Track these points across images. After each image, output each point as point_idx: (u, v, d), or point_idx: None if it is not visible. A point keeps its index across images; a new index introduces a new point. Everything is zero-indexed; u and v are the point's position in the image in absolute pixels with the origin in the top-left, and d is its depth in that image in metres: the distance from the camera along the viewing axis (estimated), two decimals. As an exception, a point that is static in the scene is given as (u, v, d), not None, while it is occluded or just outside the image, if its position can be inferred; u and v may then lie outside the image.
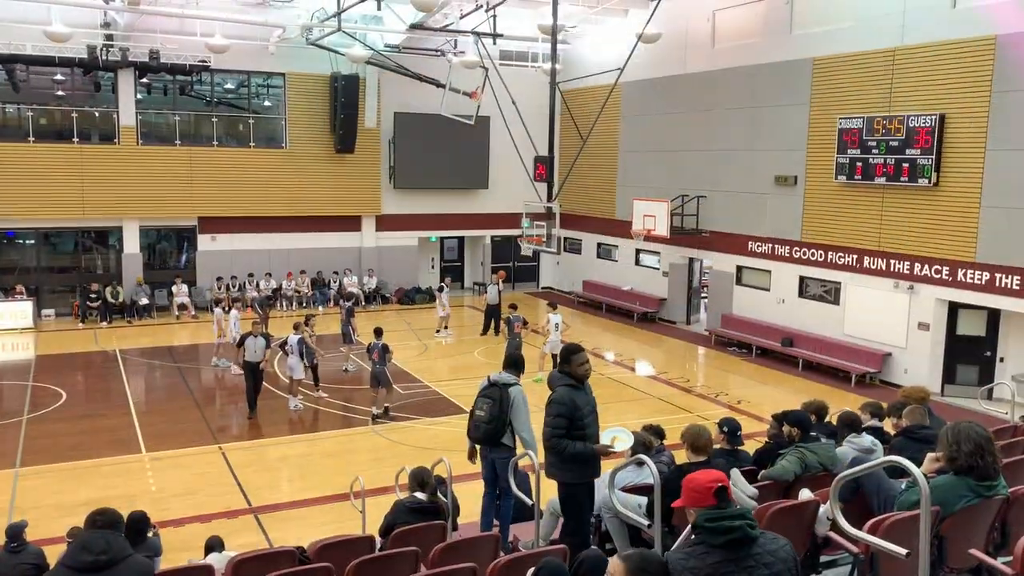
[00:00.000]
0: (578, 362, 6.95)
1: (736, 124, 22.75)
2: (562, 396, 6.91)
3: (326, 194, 27.64)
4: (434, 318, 25.37)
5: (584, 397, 6.99)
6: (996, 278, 16.71)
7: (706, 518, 3.56)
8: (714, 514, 3.55)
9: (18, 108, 24.76)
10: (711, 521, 3.53)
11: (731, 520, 3.52)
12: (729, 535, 3.50)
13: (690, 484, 3.70)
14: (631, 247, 26.97)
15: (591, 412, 7.04)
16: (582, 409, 6.90)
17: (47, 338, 23.09)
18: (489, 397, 7.89)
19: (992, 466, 4.84)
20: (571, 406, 6.85)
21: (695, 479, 3.71)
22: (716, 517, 3.54)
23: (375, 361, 15.89)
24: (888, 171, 18.34)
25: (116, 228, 26.13)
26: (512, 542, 7.77)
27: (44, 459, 13.80)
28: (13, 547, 7.55)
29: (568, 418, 6.83)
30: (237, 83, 27.80)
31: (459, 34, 24.80)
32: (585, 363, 6.98)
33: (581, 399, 6.93)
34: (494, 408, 7.82)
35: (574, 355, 6.98)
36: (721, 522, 3.52)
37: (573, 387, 6.94)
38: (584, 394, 7.01)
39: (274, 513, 11.88)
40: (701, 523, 3.57)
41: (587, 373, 7.01)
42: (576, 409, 6.86)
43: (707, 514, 3.57)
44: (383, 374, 15.83)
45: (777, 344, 21.09)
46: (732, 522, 3.52)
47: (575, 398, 6.89)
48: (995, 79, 16.47)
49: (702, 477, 3.70)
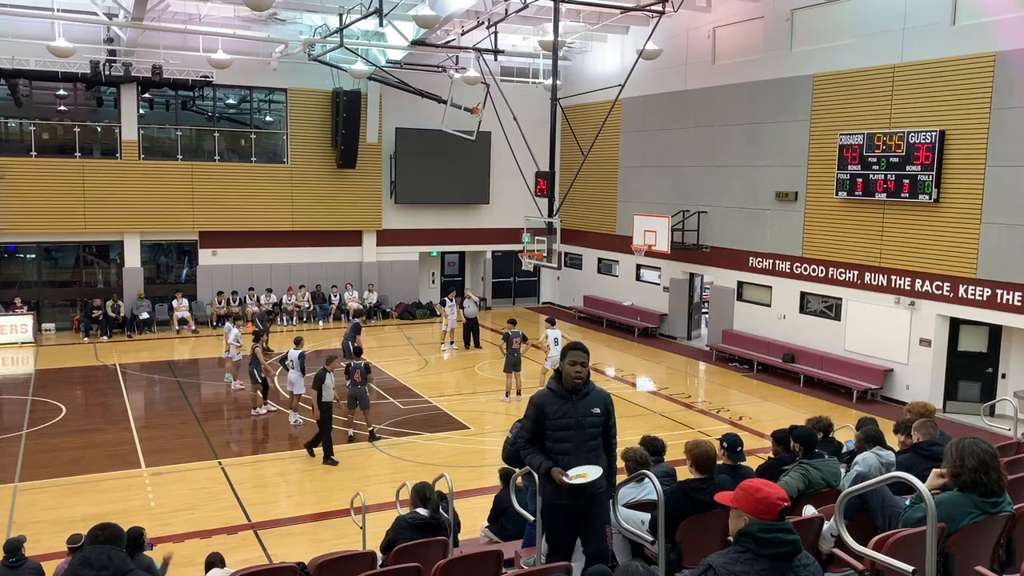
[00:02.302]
0: (568, 360, 5.93)
1: (737, 140, 22.82)
2: (534, 399, 6.07)
3: (327, 209, 27.70)
4: (435, 333, 25.41)
5: (562, 407, 5.92)
6: (997, 294, 16.70)
7: (761, 528, 3.59)
8: (770, 526, 3.59)
9: (21, 123, 24.84)
10: (766, 532, 3.58)
11: (785, 534, 3.58)
12: (780, 548, 3.56)
13: (756, 494, 3.68)
14: (632, 262, 26.99)
15: (573, 430, 5.91)
16: (552, 419, 5.91)
17: (47, 352, 23.07)
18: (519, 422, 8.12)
19: (997, 482, 4.81)
20: (535, 411, 5.96)
21: (763, 491, 3.68)
22: (772, 529, 3.58)
23: (356, 382, 15.52)
24: (889, 187, 18.37)
25: (117, 242, 26.16)
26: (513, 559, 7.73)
27: (43, 474, 13.75)
28: (12, 562, 7.52)
29: (533, 423, 5.99)
30: (239, 98, 27.91)
31: (460, 50, 24.90)
32: (576, 365, 5.89)
33: (554, 407, 5.92)
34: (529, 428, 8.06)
35: (569, 351, 5.98)
36: (776, 534, 3.57)
37: (554, 392, 5.98)
38: (566, 404, 5.92)
39: (274, 529, 11.82)
40: (754, 532, 3.60)
41: (574, 377, 5.89)
42: (543, 417, 5.93)
43: (763, 525, 3.60)
44: (363, 394, 15.66)
45: (778, 360, 21.06)
46: (786, 536, 3.58)
47: (545, 404, 5.94)
48: (995, 95, 16.52)
49: (771, 492, 3.68)
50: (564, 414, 5.88)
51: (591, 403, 5.97)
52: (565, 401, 5.91)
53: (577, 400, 5.91)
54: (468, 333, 24.22)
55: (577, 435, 5.88)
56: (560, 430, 5.89)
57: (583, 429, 5.91)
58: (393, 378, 20.35)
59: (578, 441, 5.88)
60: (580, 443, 5.89)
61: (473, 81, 25.02)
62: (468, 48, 24.26)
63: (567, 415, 5.88)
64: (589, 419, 5.93)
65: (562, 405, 5.90)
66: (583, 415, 5.90)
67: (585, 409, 5.93)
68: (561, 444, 5.89)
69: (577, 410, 5.90)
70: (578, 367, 5.88)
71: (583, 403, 5.93)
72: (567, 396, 5.91)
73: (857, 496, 5.45)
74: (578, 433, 5.89)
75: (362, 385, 15.56)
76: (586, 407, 5.93)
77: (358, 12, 20.40)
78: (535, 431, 5.97)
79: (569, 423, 5.88)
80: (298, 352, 16.57)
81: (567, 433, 5.89)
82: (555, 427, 5.90)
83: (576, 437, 5.88)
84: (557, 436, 5.91)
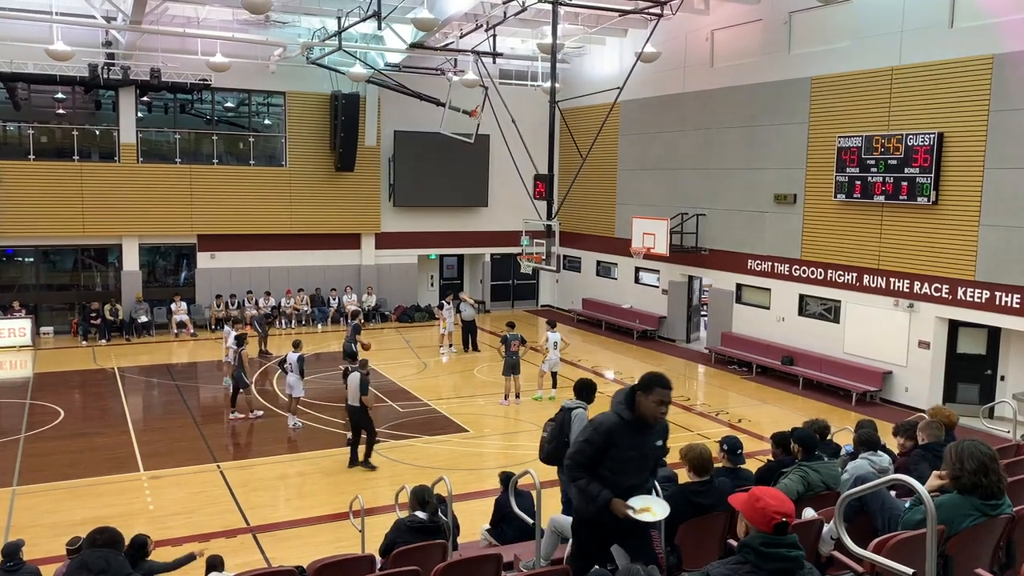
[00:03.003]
0: (655, 398, 5.26)
1: (735, 142, 22.83)
2: (603, 425, 5.40)
3: (326, 212, 27.69)
4: (434, 336, 25.40)
5: (635, 441, 5.39)
6: (996, 296, 16.70)
7: (762, 542, 3.50)
8: (772, 540, 3.49)
9: (19, 126, 24.83)
10: (767, 547, 3.48)
11: (788, 550, 3.48)
12: (782, 564, 3.47)
13: (756, 503, 3.59)
14: (630, 265, 26.99)
15: (637, 462, 5.47)
16: (623, 451, 5.38)
17: (45, 356, 23.04)
18: (554, 420, 8.30)
19: (996, 485, 4.81)
20: (604, 440, 5.37)
21: (763, 500, 3.59)
22: (773, 544, 3.48)
23: None
24: (887, 189, 18.38)
25: (115, 245, 26.14)
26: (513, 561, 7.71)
27: (41, 478, 13.71)
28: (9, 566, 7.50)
29: (596, 451, 5.41)
30: (237, 101, 27.90)
31: (459, 53, 24.92)
32: (662, 404, 5.28)
33: (626, 439, 5.35)
34: (555, 430, 8.20)
35: (656, 388, 5.27)
36: (778, 549, 3.48)
37: (624, 421, 5.34)
38: (638, 437, 5.40)
39: (273, 532, 11.79)
40: (756, 545, 3.51)
41: (657, 416, 5.32)
42: (612, 447, 5.37)
43: (764, 539, 3.50)
44: None
45: (777, 362, 21.05)
46: (788, 551, 3.48)
47: (618, 437, 5.34)
48: (993, 98, 16.54)
49: (770, 503, 3.56)
50: (632, 446, 5.39)
51: (657, 435, 5.53)
52: (634, 433, 5.38)
53: (646, 433, 5.46)
54: (466, 336, 24.24)
55: (637, 468, 5.49)
56: (624, 462, 5.42)
57: (646, 461, 5.55)
58: (392, 381, 20.33)
59: (638, 472, 5.51)
60: (639, 474, 5.52)
61: (472, 84, 25.03)
62: (467, 51, 24.30)
63: (635, 448, 5.41)
64: (653, 451, 5.57)
65: (632, 437, 5.38)
66: (650, 448, 5.52)
67: (651, 442, 5.51)
68: (620, 476, 5.42)
69: (646, 443, 5.47)
70: (663, 408, 5.31)
71: (649, 436, 5.49)
72: (639, 428, 5.38)
73: (857, 498, 5.45)
74: (639, 465, 5.50)
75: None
76: (653, 439, 5.51)
77: (356, 15, 20.41)
78: (595, 458, 5.41)
79: (634, 456, 5.43)
80: (297, 355, 16.55)
81: (629, 466, 5.44)
82: (620, 458, 5.41)
83: (636, 469, 5.49)
84: (617, 468, 5.42)
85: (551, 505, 7.13)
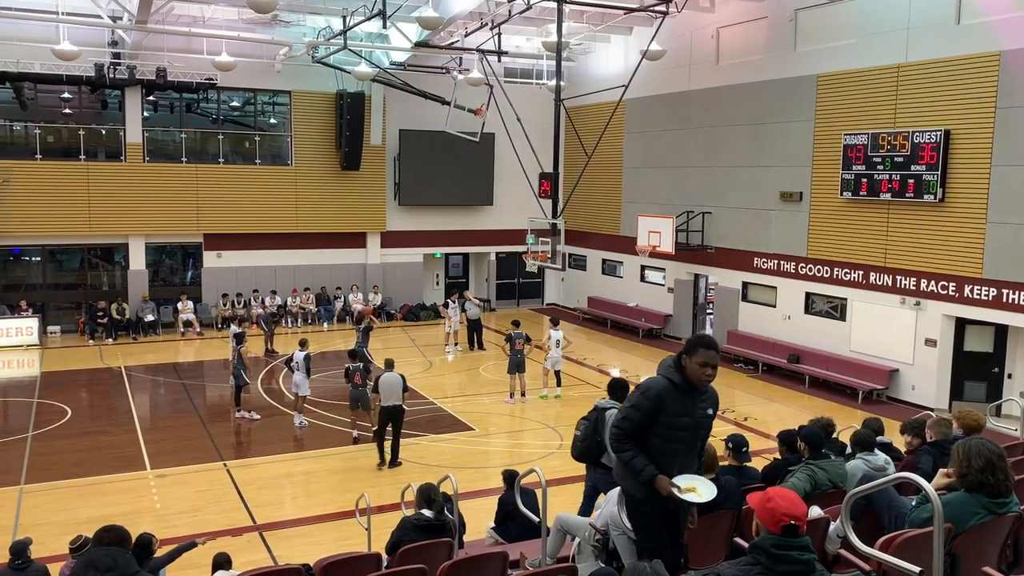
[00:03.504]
0: (698, 359, 4.94)
1: (741, 140, 22.79)
2: (652, 389, 5.06)
3: (331, 211, 27.72)
4: (440, 335, 25.41)
5: (685, 405, 5.05)
6: (1003, 294, 16.65)
7: (774, 544, 3.44)
8: (784, 542, 3.44)
9: (25, 126, 24.91)
10: (779, 549, 3.43)
11: (800, 552, 3.43)
12: (792, 566, 3.42)
13: (767, 503, 3.53)
14: (636, 263, 26.96)
15: (689, 431, 5.13)
16: (673, 418, 5.04)
17: (52, 355, 23.11)
18: (587, 419, 8.30)
19: (1004, 483, 4.80)
20: (655, 404, 5.02)
21: (773, 500, 3.53)
22: (786, 546, 3.43)
23: (356, 384, 15.56)
24: (893, 187, 18.32)
25: (122, 245, 26.21)
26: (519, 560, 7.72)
27: (49, 476, 13.77)
28: (17, 564, 7.54)
29: (647, 417, 5.04)
30: (243, 101, 27.94)
31: (464, 52, 24.91)
32: (707, 367, 4.95)
33: (677, 404, 5.02)
34: (588, 428, 8.21)
35: (699, 349, 4.97)
36: (790, 552, 3.43)
37: (674, 384, 5.01)
38: (687, 401, 5.06)
39: (279, 531, 11.82)
40: (767, 547, 3.46)
41: (703, 379, 4.98)
42: (660, 413, 5.02)
43: (776, 541, 3.45)
44: (364, 396, 15.62)
45: (783, 360, 21.02)
46: (800, 555, 3.43)
47: (668, 402, 5.01)
48: (1000, 95, 16.47)
49: (780, 504, 3.50)
50: (683, 412, 5.04)
51: (707, 403, 5.16)
52: (685, 398, 5.04)
53: (697, 399, 5.10)
54: (472, 335, 24.26)
55: (690, 436, 5.15)
56: (675, 430, 5.06)
57: (697, 431, 5.17)
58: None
59: (688, 443, 5.16)
60: (688, 446, 5.17)
61: (477, 82, 25.02)
62: (472, 49, 24.27)
63: (686, 414, 5.06)
64: (705, 420, 5.19)
65: (683, 402, 5.03)
66: (701, 415, 5.14)
67: (702, 409, 5.14)
68: (671, 444, 5.08)
69: (695, 409, 5.09)
70: (708, 370, 4.95)
71: (701, 402, 5.12)
72: (689, 392, 5.04)
73: (863, 496, 5.43)
74: (691, 435, 5.15)
75: (363, 387, 15.55)
76: (703, 407, 5.14)
77: (362, 14, 20.41)
78: (643, 425, 5.06)
79: (686, 423, 5.07)
80: (303, 354, 16.57)
81: (681, 434, 5.09)
82: (671, 426, 5.05)
83: (688, 439, 5.14)
84: (668, 436, 5.06)
85: (556, 503, 7.13)
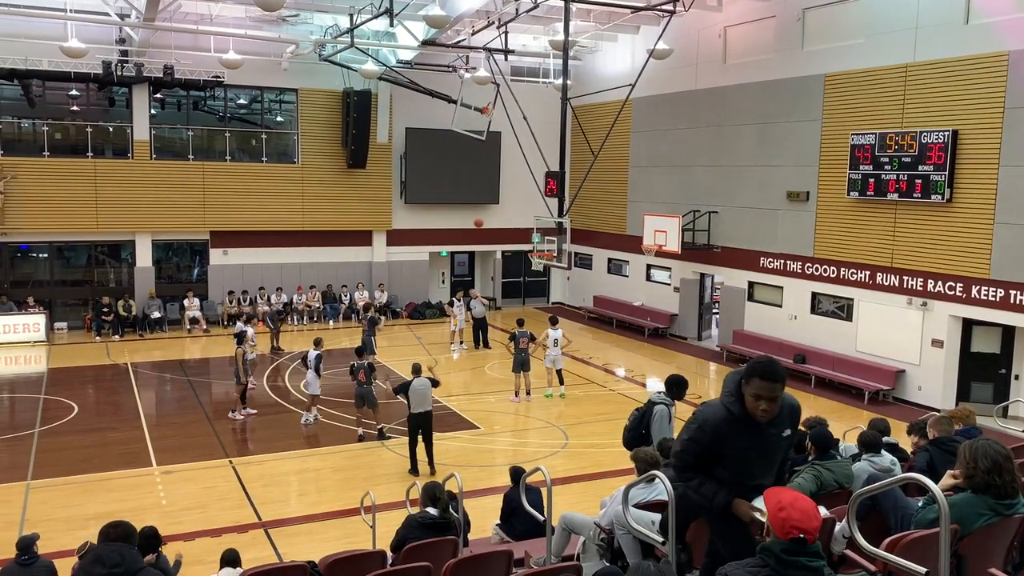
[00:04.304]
0: (752, 391, 4.28)
1: (748, 140, 22.75)
2: (709, 423, 4.46)
3: (337, 209, 27.75)
4: (445, 333, 25.42)
5: (752, 438, 4.39)
6: (1011, 295, 16.59)
7: (784, 549, 3.40)
8: (794, 549, 3.40)
9: (34, 123, 24.98)
10: (789, 554, 3.40)
11: (810, 559, 3.40)
12: (802, 573, 3.39)
13: (780, 511, 3.46)
14: (642, 262, 26.94)
15: (763, 459, 4.50)
16: (739, 451, 4.42)
17: (59, 351, 23.19)
18: (637, 410, 8.85)
19: (1011, 484, 4.78)
20: (711, 439, 4.45)
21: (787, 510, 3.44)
22: (795, 553, 3.39)
23: (361, 382, 15.57)
24: (901, 187, 18.27)
25: (129, 242, 26.27)
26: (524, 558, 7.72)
27: (55, 472, 13.82)
28: (24, 560, 7.56)
29: (705, 451, 4.51)
30: (250, 99, 27.99)
31: (471, 50, 24.92)
32: (761, 400, 4.25)
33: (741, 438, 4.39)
34: (635, 419, 8.77)
35: (753, 379, 4.29)
36: (799, 558, 3.41)
37: (733, 415, 4.37)
38: (756, 434, 4.39)
39: (284, 528, 11.85)
40: (776, 551, 3.42)
41: (757, 413, 4.29)
42: (719, 444, 4.44)
43: (786, 547, 3.41)
44: (369, 394, 15.65)
45: (789, 360, 20.94)
46: (811, 561, 3.40)
47: (728, 436, 4.40)
48: (1008, 95, 16.41)
49: (793, 514, 3.40)
50: (750, 445, 4.41)
51: (780, 424, 4.45)
52: (753, 429, 4.38)
53: (765, 426, 4.40)
54: (477, 333, 24.27)
55: (764, 464, 4.53)
56: (743, 462, 4.47)
57: (772, 457, 4.53)
58: (403, 377, 20.31)
59: (765, 473, 4.55)
60: (767, 474, 4.56)
61: (483, 81, 25.03)
62: (478, 48, 24.29)
63: (753, 446, 4.42)
64: (777, 444, 4.49)
65: (746, 434, 4.39)
66: (771, 445, 4.48)
67: (775, 435, 4.45)
68: (741, 478, 4.50)
69: (766, 438, 4.43)
70: (763, 404, 4.26)
71: (772, 427, 4.42)
72: (751, 424, 4.37)
73: (869, 497, 5.42)
74: (765, 463, 4.53)
75: (367, 385, 15.57)
76: (775, 432, 4.44)
77: (369, 12, 20.44)
78: (704, 458, 4.53)
79: (754, 455, 4.46)
80: (316, 353, 16.57)
81: (752, 467, 4.50)
82: (738, 458, 4.46)
83: (764, 465, 4.53)
84: (737, 468, 4.49)
85: (561, 502, 7.14)
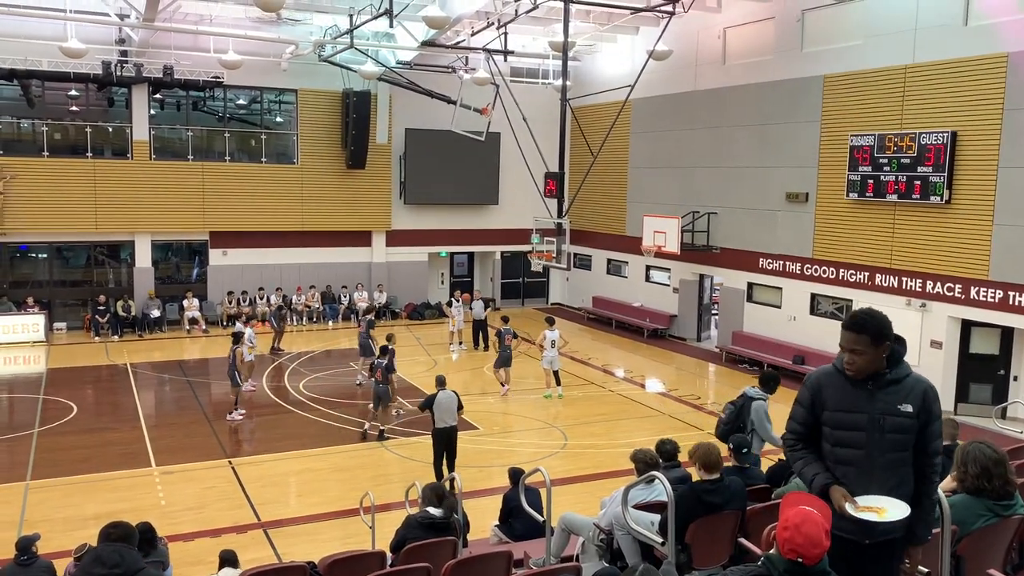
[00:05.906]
0: (840, 342, 3.99)
1: (747, 141, 22.76)
2: (812, 376, 4.18)
3: (337, 209, 27.76)
4: (444, 334, 25.42)
5: (856, 398, 3.98)
6: (1009, 296, 16.60)
7: (787, 569, 3.31)
8: (795, 570, 3.30)
9: (33, 123, 24.98)
10: (793, 571, 3.31)
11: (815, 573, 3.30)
12: None
13: (784, 531, 3.32)
14: (641, 263, 26.95)
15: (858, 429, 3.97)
16: (838, 413, 4.02)
17: (58, 351, 23.18)
18: (733, 404, 8.83)
19: (1003, 488, 4.81)
20: (811, 393, 4.10)
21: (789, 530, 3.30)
22: (799, 572, 3.29)
23: (378, 380, 15.64)
24: (900, 188, 18.29)
25: (128, 242, 26.27)
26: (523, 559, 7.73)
27: (54, 472, 13.82)
28: (24, 560, 7.56)
29: (806, 410, 4.13)
30: (249, 99, 28.00)
31: (470, 51, 24.92)
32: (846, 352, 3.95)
33: (837, 393, 4.02)
34: (732, 414, 8.74)
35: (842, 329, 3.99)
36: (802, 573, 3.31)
37: (839, 371, 4.03)
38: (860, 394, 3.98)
39: (284, 528, 11.84)
40: (780, 568, 3.33)
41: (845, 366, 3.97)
42: (818, 403, 4.07)
43: (788, 567, 3.31)
44: (386, 393, 15.70)
45: (788, 361, 20.97)
46: None
47: (824, 386, 4.06)
48: (1007, 96, 16.42)
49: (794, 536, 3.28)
50: (851, 406, 3.97)
51: (899, 395, 3.96)
52: (856, 388, 3.97)
53: (877, 389, 3.96)
54: (476, 333, 24.28)
55: (870, 440, 3.96)
56: (843, 429, 4.00)
57: (880, 433, 3.95)
58: (402, 378, 20.30)
59: (871, 450, 3.96)
60: (875, 454, 3.96)
61: (483, 82, 25.04)
62: (478, 49, 24.29)
63: (856, 408, 3.96)
64: (892, 419, 3.95)
65: (850, 393, 3.98)
66: (883, 412, 3.95)
67: (888, 404, 3.95)
68: (843, 450, 4.01)
69: (874, 403, 3.95)
70: (847, 356, 3.95)
71: (886, 394, 3.96)
72: (859, 381, 3.97)
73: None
74: (871, 438, 3.95)
75: (383, 384, 15.53)
76: (890, 401, 3.95)
77: (368, 13, 20.44)
78: (808, 423, 4.13)
79: (858, 421, 3.96)
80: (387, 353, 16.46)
81: (854, 436, 3.98)
82: (836, 423, 4.02)
83: (868, 443, 3.96)
84: (838, 438, 4.02)
85: (561, 502, 7.15)
